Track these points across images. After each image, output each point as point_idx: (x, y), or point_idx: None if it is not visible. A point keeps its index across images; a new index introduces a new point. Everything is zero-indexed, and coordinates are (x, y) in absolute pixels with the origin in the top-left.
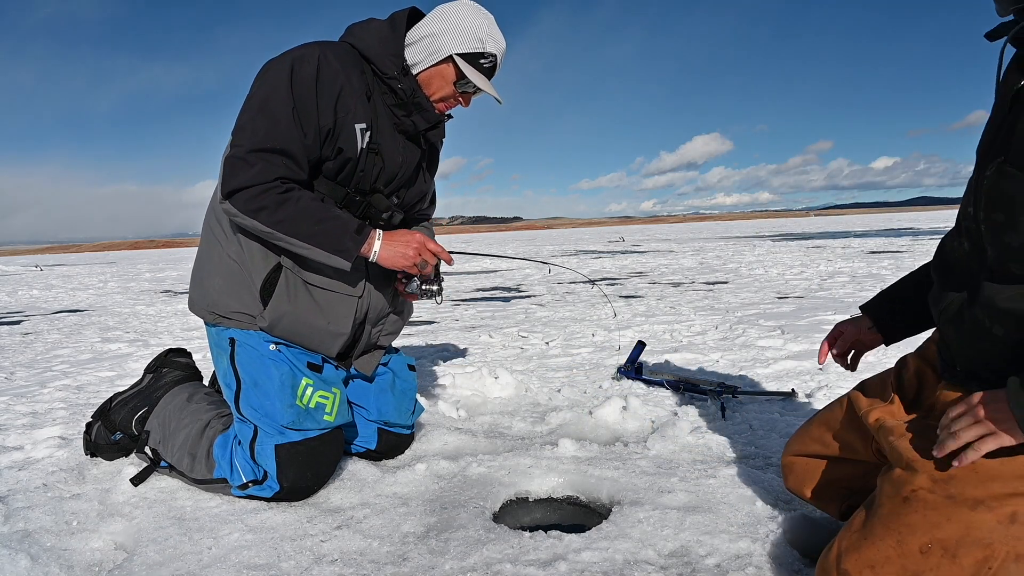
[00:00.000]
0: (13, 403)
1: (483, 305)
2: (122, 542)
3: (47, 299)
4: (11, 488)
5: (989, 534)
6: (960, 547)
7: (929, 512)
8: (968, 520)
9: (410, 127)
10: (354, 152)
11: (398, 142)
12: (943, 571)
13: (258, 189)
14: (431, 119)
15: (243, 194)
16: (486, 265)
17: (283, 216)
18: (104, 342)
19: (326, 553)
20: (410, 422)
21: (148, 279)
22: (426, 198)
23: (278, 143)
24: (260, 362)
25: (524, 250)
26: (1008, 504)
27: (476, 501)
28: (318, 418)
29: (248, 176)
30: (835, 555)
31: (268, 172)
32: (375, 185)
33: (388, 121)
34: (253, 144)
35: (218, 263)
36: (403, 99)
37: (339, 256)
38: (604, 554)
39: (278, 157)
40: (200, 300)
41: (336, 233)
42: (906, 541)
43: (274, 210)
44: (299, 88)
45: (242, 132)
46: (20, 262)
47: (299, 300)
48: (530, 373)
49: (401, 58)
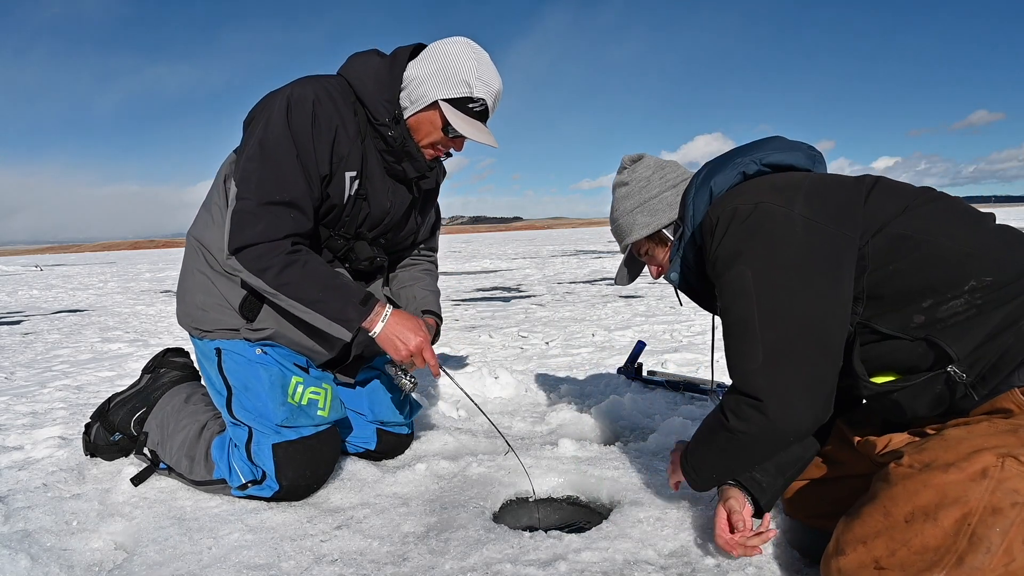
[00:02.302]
0: (13, 403)
1: (483, 305)
2: (122, 542)
3: (47, 299)
4: (11, 488)
5: (964, 492)
6: (939, 510)
7: (908, 483)
8: (942, 483)
9: (400, 173)
10: (341, 199)
11: (387, 186)
12: (927, 535)
13: (265, 248)
14: (420, 168)
15: (250, 252)
16: (486, 265)
17: (288, 279)
18: (104, 342)
19: (326, 553)
20: (407, 420)
21: (148, 279)
22: (416, 234)
23: (285, 195)
24: (248, 366)
25: (524, 250)
26: (976, 461)
27: (476, 501)
28: (312, 414)
29: (255, 232)
30: (833, 542)
31: (276, 228)
32: (360, 230)
33: (378, 165)
34: (260, 197)
35: (199, 280)
36: (392, 146)
37: (341, 325)
38: (604, 554)
39: (285, 210)
40: (183, 315)
41: (340, 302)
42: (891, 513)
43: (279, 271)
44: (299, 135)
45: (247, 183)
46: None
47: (284, 321)
48: (530, 373)
49: (395, 104)
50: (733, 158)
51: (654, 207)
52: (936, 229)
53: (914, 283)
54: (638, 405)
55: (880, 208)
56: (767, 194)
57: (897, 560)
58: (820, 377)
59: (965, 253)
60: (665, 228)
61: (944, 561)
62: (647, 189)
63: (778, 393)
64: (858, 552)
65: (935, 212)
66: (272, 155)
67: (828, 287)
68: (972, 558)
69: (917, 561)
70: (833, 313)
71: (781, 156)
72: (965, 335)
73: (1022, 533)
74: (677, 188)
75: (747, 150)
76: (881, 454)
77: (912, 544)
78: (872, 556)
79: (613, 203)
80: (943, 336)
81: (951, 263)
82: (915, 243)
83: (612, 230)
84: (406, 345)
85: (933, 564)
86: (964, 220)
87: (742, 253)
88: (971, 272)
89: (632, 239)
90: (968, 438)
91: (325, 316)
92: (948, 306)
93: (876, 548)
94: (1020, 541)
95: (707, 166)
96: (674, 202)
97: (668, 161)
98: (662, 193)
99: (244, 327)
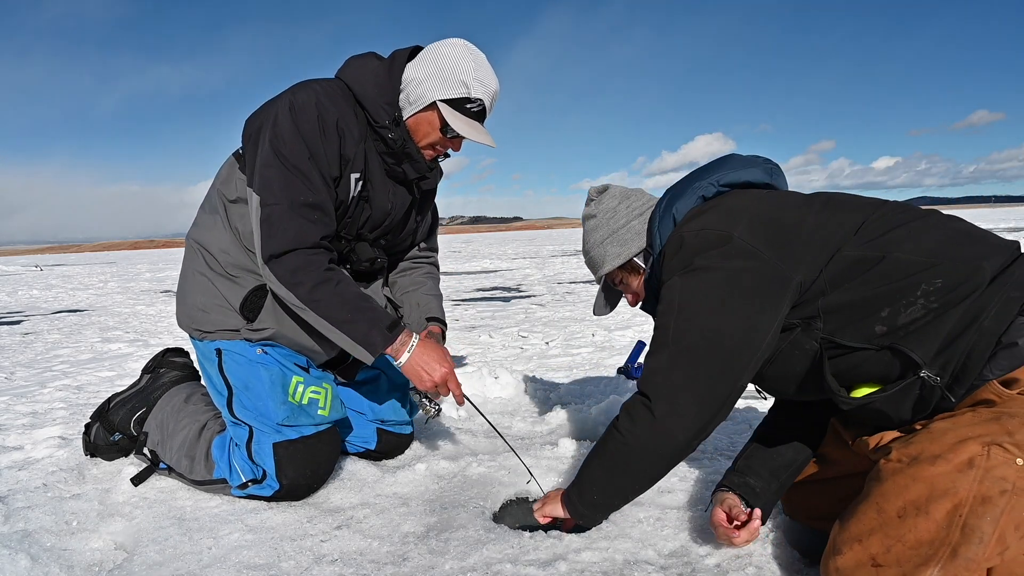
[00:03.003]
0: (13, 403)
1: (483, 305)
2: (122, 542)
3: (47, 299)
4: (11, 488)
5: (952, 483)
6: (930, 502)
7: (898, 478)
8: (931, 475)
9: (400, 175)
10: (346, 200)
11: (388, 188)
12: (920, 529)
13: (302, 260)
14: (421, 169)
15: (286, 262)
16: (486, 265)
17: (320, 296)
18: (104, 342)
19: (326, 553)
20: (407, 418)
21: (148, 279)
22: (415, 234)
23: (311, 197)
24: (249, 366)
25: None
26: (962, 451)
27: (476, 501)
28: (312, 413)
29: (288, 238)
30: (831, 543)
31: (308, 232)
32: (361, 232)
33: (379, 167)
34: (288, 200)
35: (199, 281)
36: (392, 148)
37: (365, 349)
38: (604, 554)
39: (313, 212)
40: (183, 317)
41: (367, 325)
42: (884, 509)
43: (312, 288)
44: (309, 138)
45: (269, 190)
46: (20, 262)
47: (285, 321)
48: (530, 373)
49: (395, 107)
50: (692, 182)
51: (623, 237)
52: (890, 245)
53: (868, 295)
54: None
55: (835, 229)
56: (713, 219)
57: (893, 556)
58: (714, 394)
59: (918, 263)
60: (636, 256)
61: (939, 554)
62: (614, 219)
63: (669, 396)
64: (854, 551)
65: (886, 223)
66: (290, 159)
67: (748, 311)
68: (966, 549)
69: (912, 556)
70: (746, 338)
71: (737, 174)
72: (926, 339)
73: (1013, 520)
74: (643, 216)
75: (704, 172)
76: (874, 451)
77: (906, 539)
78: (868, 554)
79: (584, 235)
80: (906, 343)
81: (904, 273)
82: (871, 262)
83: (586, 262)
84: (431, 377)
85: (928, 558)
86: (915, 228)
87: (677, 271)
88: (921, 277)
89: (605, 270)
90: (953, 429)
91: (351, 338)
92: (906, 313)
93: (872, 545)
94: (1012, 528)
95: (669, 192)
96: (641, 230)
97: (633, 190)
98: (629, 222)
99: (244, 327)
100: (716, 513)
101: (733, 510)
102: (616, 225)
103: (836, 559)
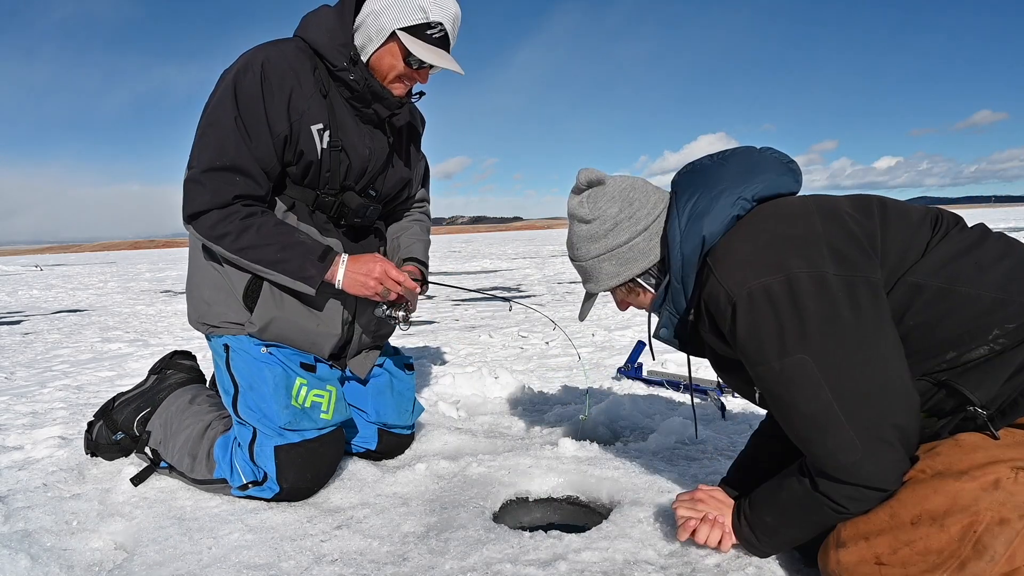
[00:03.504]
0: (13, 403)
1: (483, 305)
2: (122, 542)
3: (47, 299)
4: (11, 488)
5: (974, 502)
6: (948, 516)
7: (918, 487)
8: (954, 490)
9: (373, 117)
10: (315, 154)
11: (363, 134)
12: (932, 540)
13: (218, 215)
14: (391, 105)
15: (204, 219)
16: (486, 265)
17: (245, 243)
18: (104, 342)
19: (326, 553)
20: (409, 422)
21: (148, 279)
22: (409, 185)
23: (227, 160)
24: (254, 365)
25: (524, 250)
26: (991, 471)
27: (476, 501)
28: (315, 417)
29: (204, 199)
30: (834, 535)
31: (223, 193)
32: (345, 183)
33: (349, 115)
34: (203, 164)
35: (204, 274)
36: (357, 90)
37: (303, 283)
38: (604, 554)
39: (230, 175)
40: (193, 313)
41: (299, 260)
42: (898, 514)
43: (236, 237)
44: (244, 98)
45: (192, 154)
46: (20, 262)
47: (285, 304)
48: (530, 373)
49: (349, 47)
50: (717, 196)
51: (624, 256)
52: (958, 277)
53: (937, 336)
54: (638, 405)
55: (899, 248)
56: (789, 256)
57: (899, 558)
58: (913, 432)
59: (990, 301)
60: (639, 276)
61: (947, 564)
62: (614, 234)
63: (890, 473)
64: (859, 547)
65: (952, 248)
66: (214, 123)
67: (890, 343)
68: (975, 565)
69: (919, 561)
70: (902, 366)
71: (768, 186)
72: (987, 379)
73: None
74: (650, 231)
75: (730, 181)
76: None
77: (916, 545)
78: (873, 552)
79: (573, 238)
80: (965, 382)
81: (976, 314)
82: (935, 294)
83: (574, 266)
84: (369, 276)
85: (936, 566)
86: (981, 256)
87: (793, 339)
88: (993, 320)
89: (599, 289)
90: (984, 448)
91: (287, 275)
92: (971, 354)
93: (878, 545)
94: (1023, 552)
95: (686, 200)
96: (647, 249)
97: (635, 187)
98: (632, 240)
99: (248, 321)
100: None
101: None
102: (616, 242)
103: (839, 552)
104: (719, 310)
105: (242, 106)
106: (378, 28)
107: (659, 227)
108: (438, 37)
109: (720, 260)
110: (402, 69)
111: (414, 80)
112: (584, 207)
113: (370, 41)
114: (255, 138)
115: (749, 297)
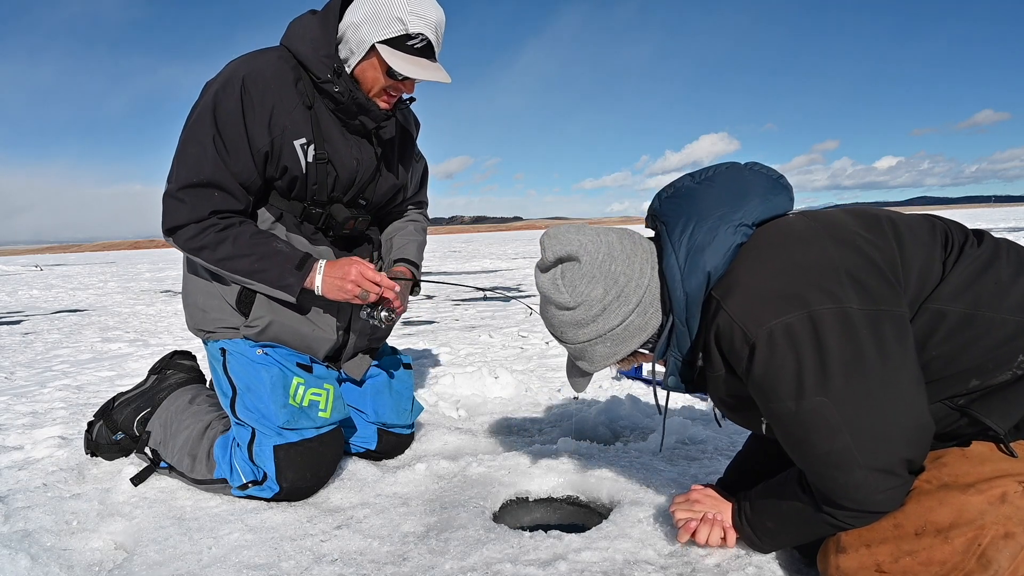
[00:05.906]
0: (13, 403)
1: (483, 305)
2: (122, 542)
3: (47, 299)
4: (11, 488)
5: (980, 515)
6: (952, 528)
7: (923, 499)
8: (960, 503)
9: (360, 128)
10: (299, 169)
11: (350, 145)
12: (936, 551)
13: (195, 228)
14: (377, 118)
15: (182, 233)
16: (486, 265)
17: (223, 255)
18: (104, 342)
19: (326, 553)
20: (409, 421)
21: (148, 279)
22: (402, 191)
23: (205, 176)
24: (250, 367)
25: (524, 250)
26: (997, 485)
27: (476, 501)
28: (313, 416)
29: (182, 215)
30: (835, 539)
31: (200, 208)
32: (333, 195)
33: (335, 126)
34: (182, 180)
35: (197, 282)
36: (342, 102)
37: (283, 291)
38: (604, 554)
39: (208, 190)
40: (188, 319)
41: (277, 269)
42: (902, 524)
43: (214, 248)
44: (223, 115)
45: (172, 167)
46: (20, 262)
47: (280, 309)
48: (530, 373)
49: (333, 58)
50: (715, 226)
51: (618, 337)
52: (979, 300)
53: (961, 365)
54: (638, 405)
55: (919, 272)
56: (807, 289)
57: (900, 567)
58: (922, 459)
59: (1015, 325)
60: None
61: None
62: (604, 319)
63: (897, 501)
64: (860, 554)
65: (970, 268)
66: (192, 139)
67: (912, 377)
68: None
69: (922, 571)
70: (922, 401)
71: (765, 207)
72: (1008, 406)
73: None
74: (643, 304)
75: (724, 207)
76: None
77: (919, 555)
78: (874, 560)
79: (554, 320)
80: (986, 409)
81: (1001, 340)
82: (959, 320)
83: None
84: (345, 280)
85: None
86: (1000, 275)
87: (813, 381)
88: (1018, 345)
89: (595, 370)
90: (991, 460)
91: (267, 284)
92: (993, 380)
93: (880, 553)
94: None
95: (680, 232)
96: (643, 324)
97: (613, 256)
98: (626, 320)
99: (243, 325)
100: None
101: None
102: (607, 327)
103: (839, 557)
104: (734, 351)
105: (221, 123)
106: (358, 41)
107: (653, 295)
108: (420, 47)
109: (730, 294)
110: (385, 82)
111: (400, 91)
112: (562, 293)
113: (352, 54)
114: (233, 154)
115: (769, 337)
